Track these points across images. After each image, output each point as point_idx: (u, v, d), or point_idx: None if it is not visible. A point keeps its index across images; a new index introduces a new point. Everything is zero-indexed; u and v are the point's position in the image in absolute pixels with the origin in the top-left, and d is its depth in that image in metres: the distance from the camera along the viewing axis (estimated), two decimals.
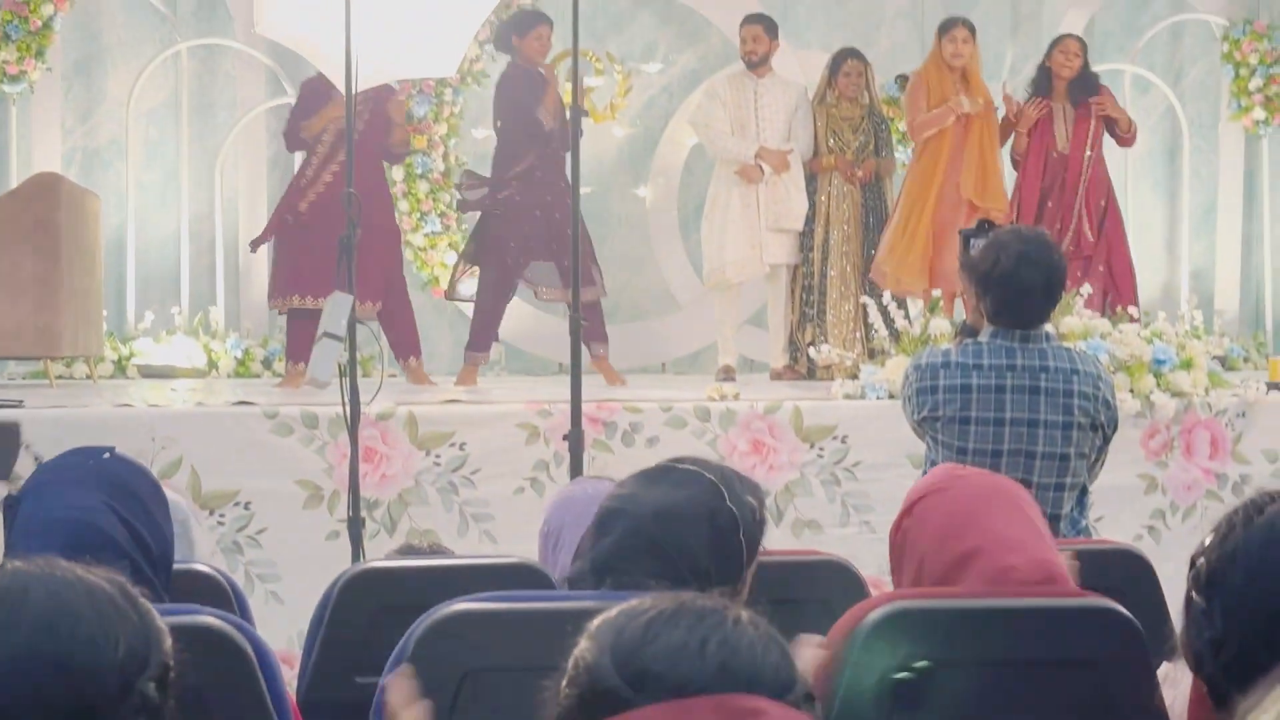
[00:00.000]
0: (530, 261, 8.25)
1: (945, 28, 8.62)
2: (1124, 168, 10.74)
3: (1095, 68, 10.52)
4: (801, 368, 8.75)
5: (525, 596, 2.69)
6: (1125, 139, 8.92)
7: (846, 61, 8.95)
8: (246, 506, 6.19)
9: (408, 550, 4.33)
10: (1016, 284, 4.10)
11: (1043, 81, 8.78)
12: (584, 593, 2.50)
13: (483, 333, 8.41)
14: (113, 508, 2.56)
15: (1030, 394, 4.10)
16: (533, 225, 8.20)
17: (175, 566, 2.74)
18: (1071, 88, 8.70)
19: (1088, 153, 8.67)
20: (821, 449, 6.63)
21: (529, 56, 8.36)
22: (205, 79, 10.13)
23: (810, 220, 8.81)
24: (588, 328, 8.23)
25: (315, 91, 8.13)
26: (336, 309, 5.45)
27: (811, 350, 8.13)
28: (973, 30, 8.61)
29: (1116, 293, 8.49)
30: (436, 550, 4.37)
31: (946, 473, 2.89)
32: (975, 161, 8.39)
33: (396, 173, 9.72)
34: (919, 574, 2.70)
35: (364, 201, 7.94)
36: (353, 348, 5.53)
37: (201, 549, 3.35)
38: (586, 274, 8.28)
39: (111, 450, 2.71)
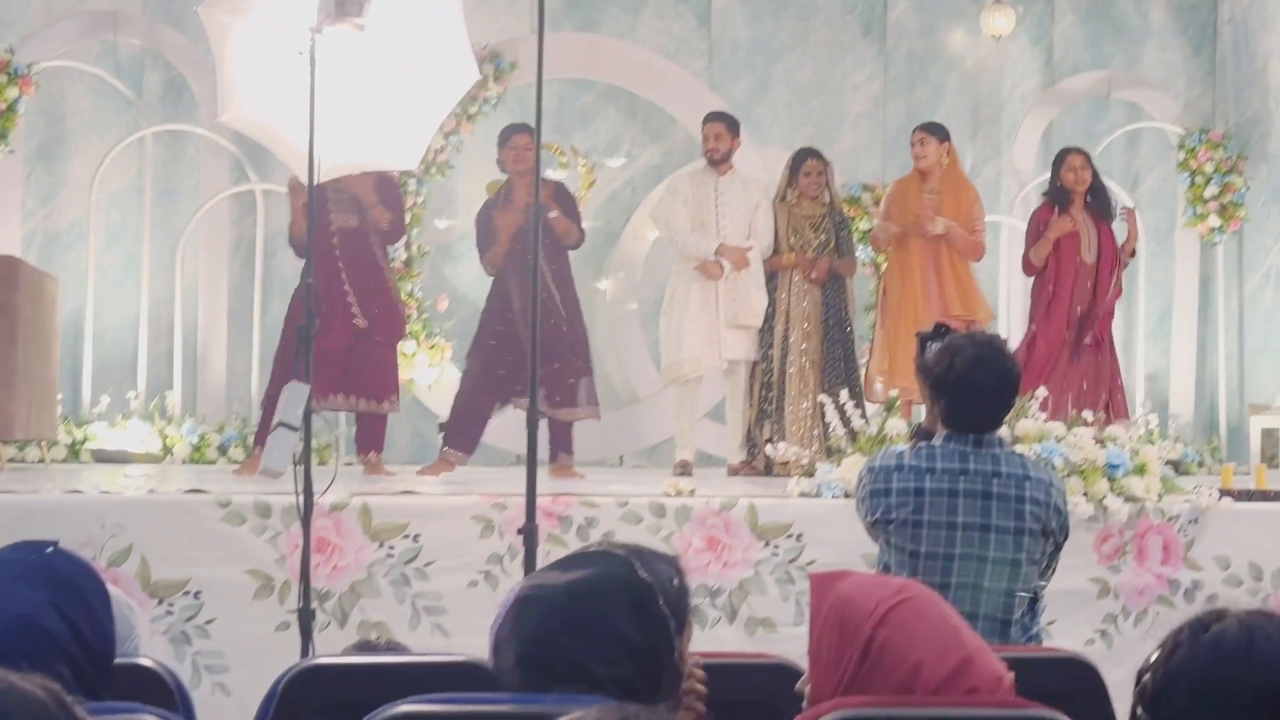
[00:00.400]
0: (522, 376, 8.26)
1: (913, 132, 8.80)
2: None
3: (1044, 175, 10.69)
4: (759, 464, 8.76)
5: (473, 699, 2.66)
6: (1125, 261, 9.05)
7: (807, 161, 9.03)
8: (196, 596, 6.13)
9: (363, 645, 4.29)
10: (970, 389, 4.12)
11: (1060, 197, 8.82)
12: (532, 696, 2.48)
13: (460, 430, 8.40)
14: (55, 605, 2.54)
15: (983, 499, 4.11)
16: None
17: (117, 661, 2.72)
18: (1091, 204, 8.77)
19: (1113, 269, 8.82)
20: (776, 547, 6.61)
21: (507, 169, 8.41)
22: (169, 164, 10.16)
23: (770, 317, 8.85)
24: (559, 438, 8.25)
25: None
26: (293, 399, 5.42)
27: (769, 447, 8.13)
28: (933, 133, 8.70)
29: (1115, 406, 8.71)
30: (392, 646, 4.33)
31: (902, 583, 2.88)
32: (950, 276, 8.53)
33: None
34: (911, 682, 2.67)
35: (367, 297, 7.98)
36: (308, 438, 5.50)
37: (145, 642, 3.31)
38: (590, 391, 8.32)
39: (55, 544, 2.68)
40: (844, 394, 7.31)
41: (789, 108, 11.03)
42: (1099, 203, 8.84)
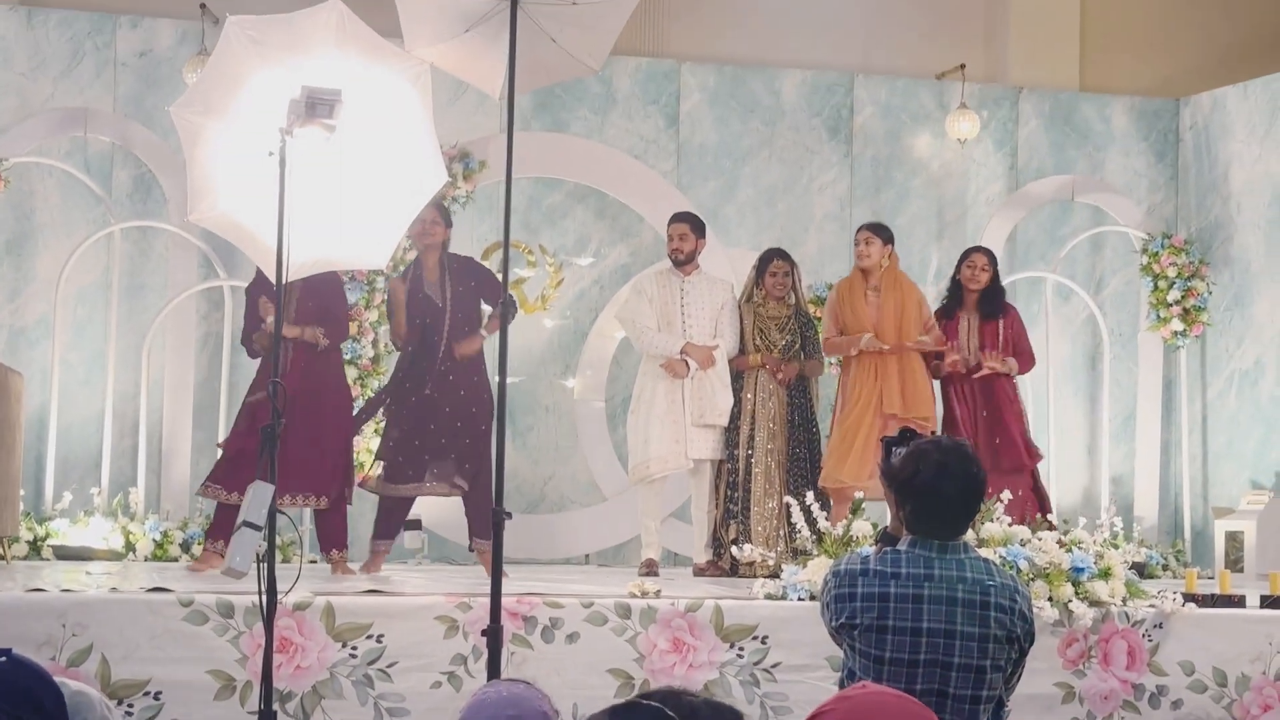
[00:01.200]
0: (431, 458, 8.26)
1: (858, 230, 8.97)
2: (1046, 374, 10.92)
3: (1018, 275, 10.81)
4: (725, 564, 8.75)
5: None
6: (1020, 370, 9.18)
7: (773, 261, 9.09)
8: (156, 696, 6.08)
9: None
10: (935, 494, 4.13)
11: (955, 293, 9.10)
12: None
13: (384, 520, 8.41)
14: (7, 714, 2.52)
15: (947, 604, 4.11)
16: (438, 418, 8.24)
17: None
18: (981, 301, 9.02)
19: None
20: (741, 649, 6.59)
21: (416, 243, 8.52)
22: (137, 260, 10.16)
23: (736, 417, 8.88)
24: (476, 521, 8.21)
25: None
26: (257, 498, 5.40)
27: (734, 548, 8.13)
28: (878, 233, 8.86)
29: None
30: None
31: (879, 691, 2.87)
32: (895, 376, 8.62)
33: None
34: None
35: (323, 395, 7.99)
36: (271, 537, 5.48)
37: None
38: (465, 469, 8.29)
39: (9, 653, 2.66)
40: (809, 495, 7.32)
41: (756, 209, 11.11)
42: (989, 304, 9.03)
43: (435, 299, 8.29)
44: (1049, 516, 8.75)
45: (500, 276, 6.34)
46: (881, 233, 8.91)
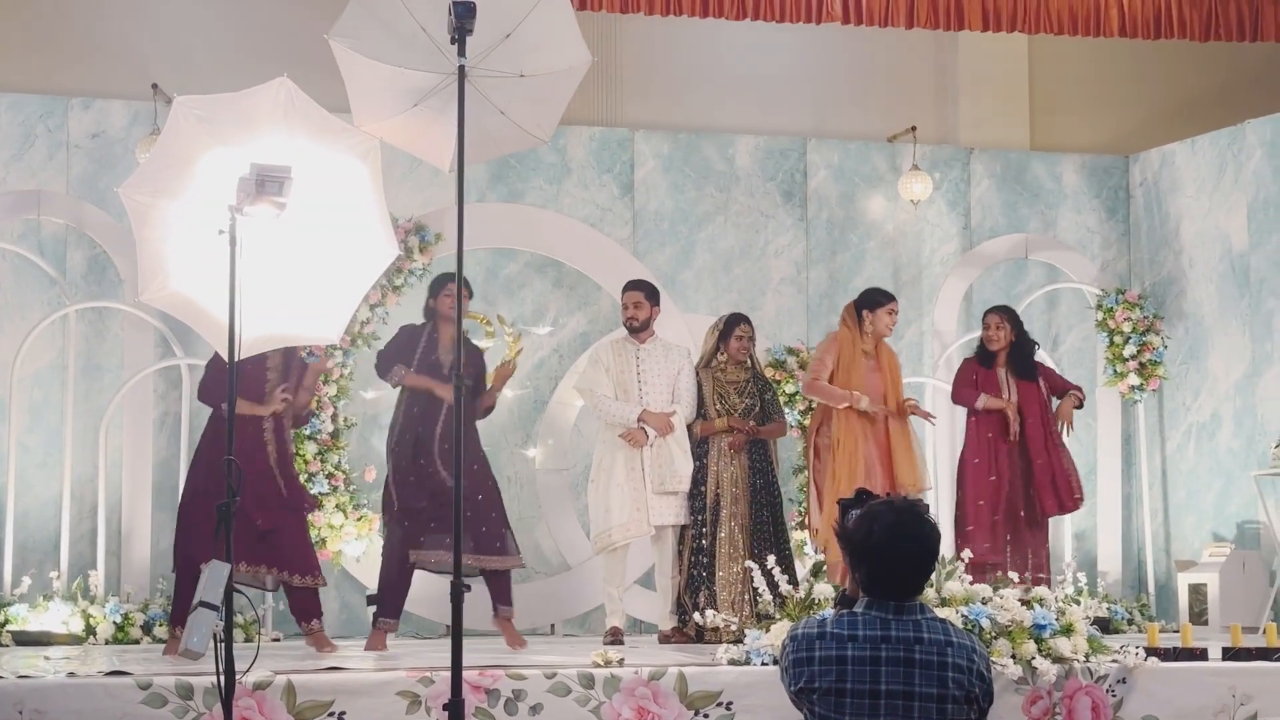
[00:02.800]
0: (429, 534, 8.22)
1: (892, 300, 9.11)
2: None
3: (974, 335, 10.89)
4: (690, 630, 8.72)
5: None
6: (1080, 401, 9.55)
7: (739, 325, 9.12)
8: None
9: None
10: (890, 556, 4.14)
11: (985, 356, 9.32)
12: None
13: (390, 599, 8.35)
14: None
15: (905, 666, 4.10)
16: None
17: None
18: (1010, 360, 9.23)
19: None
20: (706, 715, 6.56)
21: (444, 314, 8.44)
22: (93, 341, 10.13)
23: (700, 482, 8.88)
24: (497, 589, 8.20)
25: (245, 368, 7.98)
26: (214, 578, 5.37)
27: (698, 614, 8.11)
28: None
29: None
30: None
31: None
32: (895, 448, 8.71)
33: None
34: None
35: (285, 476, 7.95)
36: (229, 616, 5.44)
37: None
38: (503, 541, 8.28)
39: None
40: (771, 559, 7.31)
41: (713, 274, 11.16)
42: (1018, 362, 9.16)
43: (444, 365, 8.29)
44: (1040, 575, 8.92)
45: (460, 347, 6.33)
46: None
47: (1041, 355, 9.97)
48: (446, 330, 8.36)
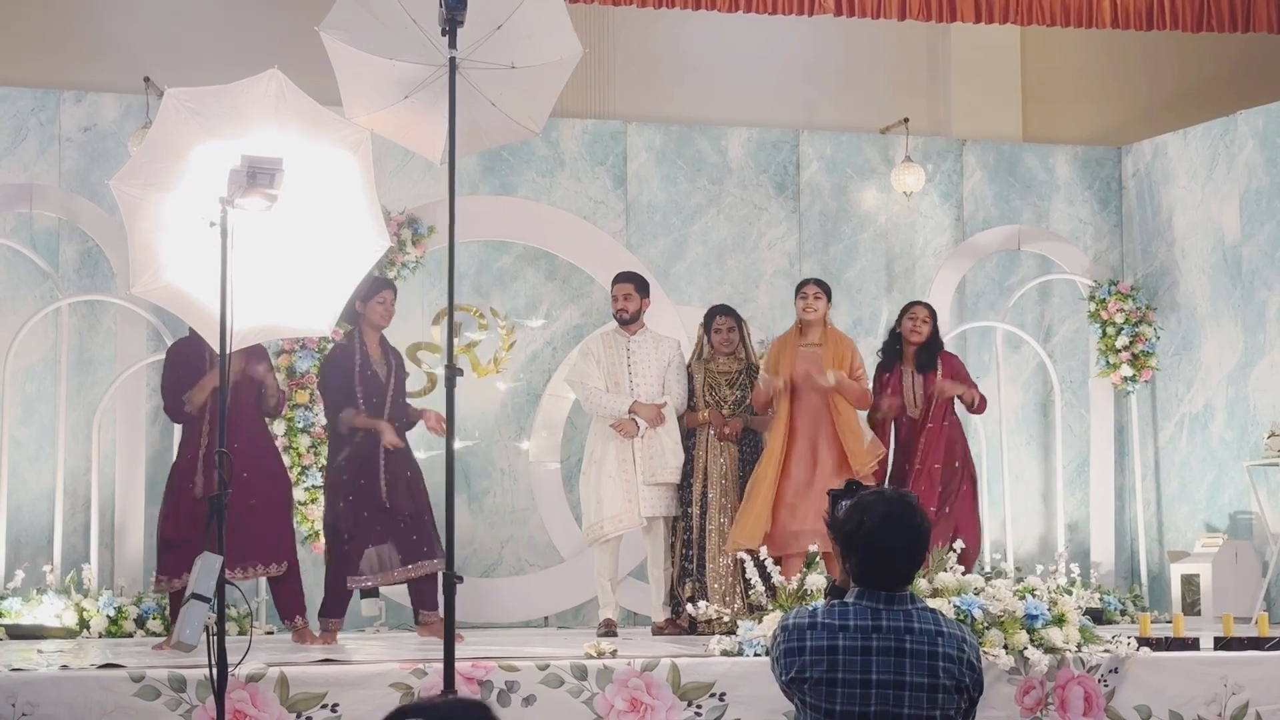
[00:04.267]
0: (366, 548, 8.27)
1: (806, 284, 8.98)
2: (999, 423, 10.98)
3: (968, 325, 10.90)
4: (683, 622, 8.73)
5: None
6: (973, 410, 9.23)
7: (716, 318, 9.14)
8: None
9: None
10: (880, 546, 4.14)
11: (892, 346, 9.19)
12: None
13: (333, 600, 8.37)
14: None
15: (895, 655, 4.11)
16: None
17: None
18: (919, 354, 9.07)
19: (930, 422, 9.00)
20: (699, 707, 6.58)
21: (373, 322, 8.41)
22: (86, 334, 10.12)
23: (688, 474, 8.89)
24: (425, 594, 8.17)
25: (187, 359, 8.02)
26: (205, 570, 5.38)
27: (690, 606, 8.12)
28: (824, 289, 8.93)
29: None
30: None
31: None
32: (842, 429, 8.66)
33: (278, 427, 9.70)
34: None
35: (254, 466, 7.94)
36: (221, 609, 5.46)
37: None
38: (430, 545, 8.27)
39: None
40: (763, 550, 7.31)
41: (705, 266, 11.16)
42: (924, 357, 9.09)
43: (380, 376, 8.31)
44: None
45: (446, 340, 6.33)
46: (825, 287, 8.96)
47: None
48: (374, 338, 8.36)
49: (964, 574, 7.02)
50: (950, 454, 9.07)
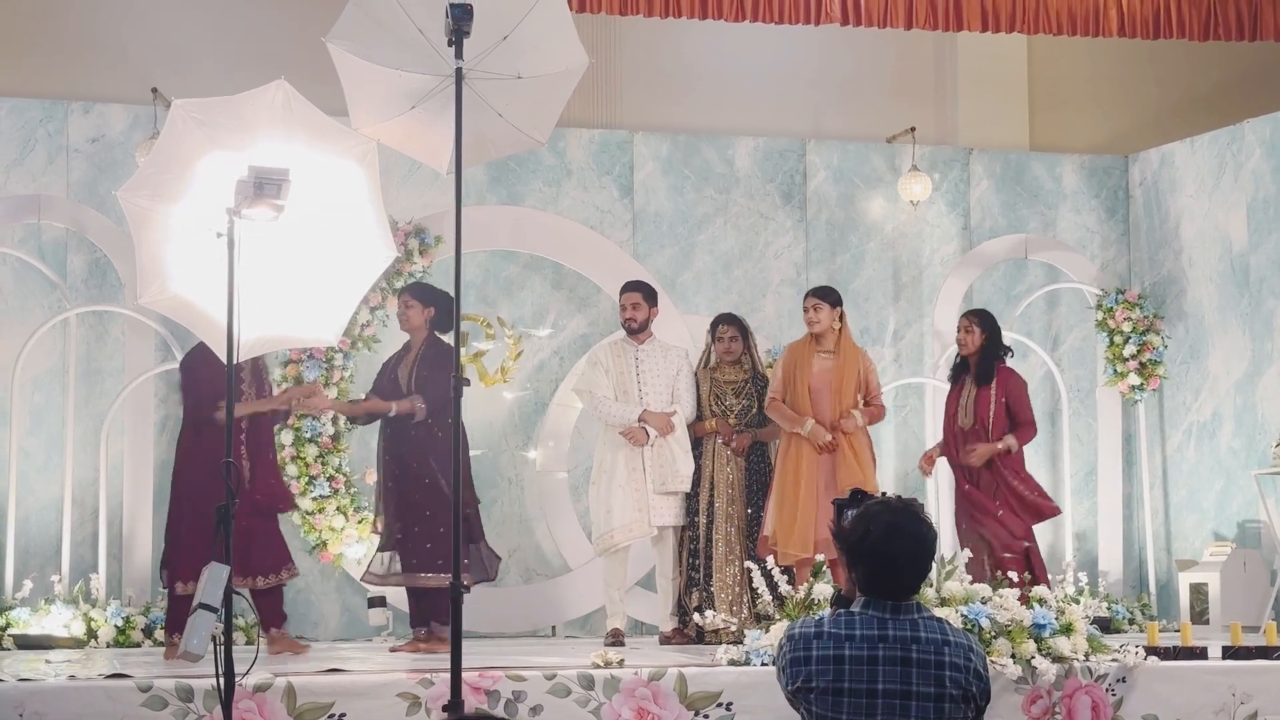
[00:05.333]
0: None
1: (805, 296, 8.92)
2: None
3: None
4: (691, 631, 8.73)
5: None
6: (1016, 442, 9.09)
7: (720, 326, 9.15)
8: None
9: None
10: (886, 555, 4.14)
11: (957, 361, 9.18)
12: None
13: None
14: None
15: (902, 665, 4.10)
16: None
17: None
18: (976, 366, 9.00)
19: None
20: (706, 716, 6.57)
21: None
22: (94, 344, 10.14)
23: (695, 484, 8.89)
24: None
25: (216, 371, 7.97)
26: (213, 580, 5.39)
27: (698, 615, 8.12)
28: (826, 298, 8.82)
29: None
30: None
31: None
32: (846, 451, 8.64)
33: (285, 436, 9.72)
34: None
35: (260, 477, 7.96)
36: (229, 618, 5.46)
37: None
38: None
39: None
40: (770, 560, 7.30)
41: (712, 276, 11.16)
42: (980, 368, 9.00)
43: (402, 383, 8.35)
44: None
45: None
46: (828, 297, 8.80)
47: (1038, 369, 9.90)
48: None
49: (1032, 583, 7.08)
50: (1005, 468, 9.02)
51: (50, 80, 10.51)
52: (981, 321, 9.10)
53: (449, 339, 8.34)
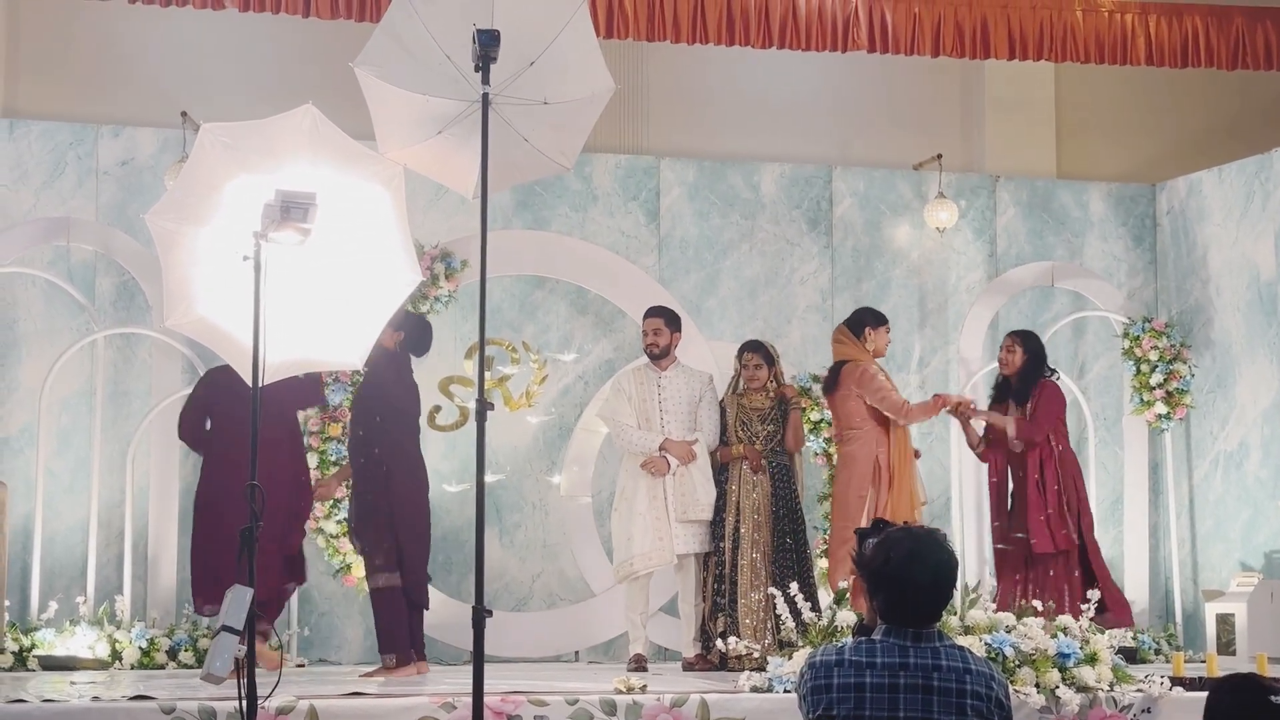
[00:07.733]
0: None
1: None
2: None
3: (993, 364, 10.87)
4: (714, 658, 8.71)
5: None
6: (1013, 442, 9.26)
7: (744, 354, 9.16)
8: None
9: None
10: (906, 583, 4.13)
11: (999, 380, 9.28)
12: None
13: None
14: None
15: (923, 693, 4.09)
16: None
17: None
18: (1017, 386, 9.14)
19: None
20: None
21: None
22: (121, 366, 10.18)
23: (721, 509, 8.88)
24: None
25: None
26: (236, 603, 5.39)
27: (721, 641, 8.10)
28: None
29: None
30: None
31: None
32: (903, 475, 8.72)
33: (310, 460, 9.73)
34: None
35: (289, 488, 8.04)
36: (251, 641, 5.46)
37: None
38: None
39: None
40: (794, 586, 7.30)
41: (738, 302, 11.17)
42: (1020, 387, 9.11)
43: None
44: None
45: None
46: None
47: (1067, 388, 9.92)
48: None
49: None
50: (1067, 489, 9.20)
51: (80, 104, 10.59)
52: (1024, 342, 9.25)
53: (419, 362, 8.54)
